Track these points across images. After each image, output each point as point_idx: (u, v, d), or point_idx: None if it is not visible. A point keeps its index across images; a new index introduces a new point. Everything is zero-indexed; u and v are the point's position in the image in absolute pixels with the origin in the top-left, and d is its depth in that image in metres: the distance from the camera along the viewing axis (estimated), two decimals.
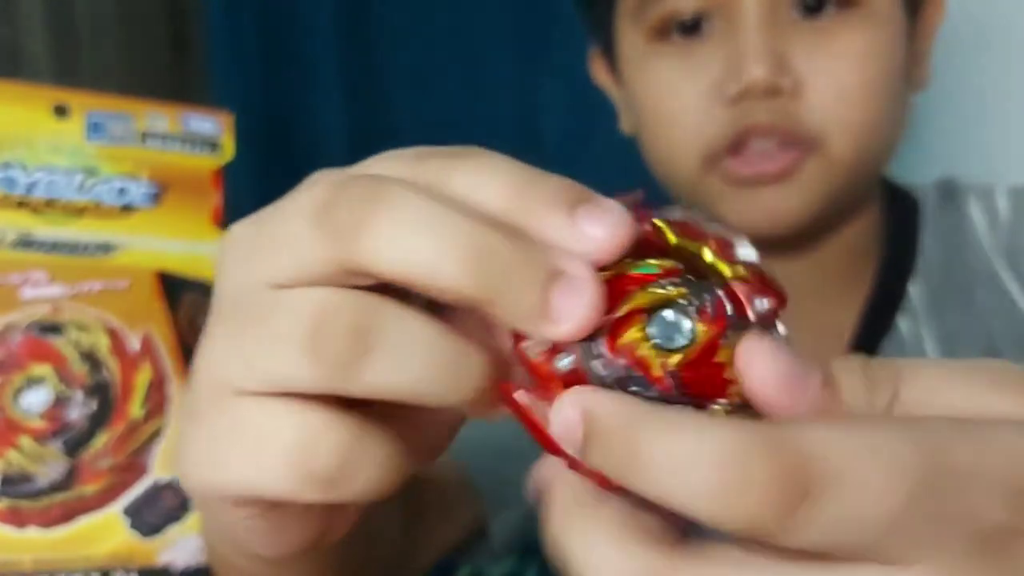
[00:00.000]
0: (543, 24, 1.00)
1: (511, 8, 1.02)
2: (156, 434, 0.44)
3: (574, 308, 0.21)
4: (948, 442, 0.20)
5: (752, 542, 0.20)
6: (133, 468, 0.44)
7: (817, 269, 0.61)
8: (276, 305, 0.22)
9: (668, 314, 0.23)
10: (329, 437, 0.22)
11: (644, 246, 0.23)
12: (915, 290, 0.61)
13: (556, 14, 0.93)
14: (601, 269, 0.22)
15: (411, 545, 0.50)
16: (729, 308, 0.23)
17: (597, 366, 0.22)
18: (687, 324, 0.23)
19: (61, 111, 0.45)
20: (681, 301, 0.23)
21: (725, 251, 0.24)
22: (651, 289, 0.23)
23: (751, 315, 0.23)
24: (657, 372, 0.22)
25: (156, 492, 0.44)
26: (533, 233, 0.22)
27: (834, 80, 0.53)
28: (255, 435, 0.22)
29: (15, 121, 0.44)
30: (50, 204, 0.44)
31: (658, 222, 0.24)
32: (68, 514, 0.43)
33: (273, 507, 0.24)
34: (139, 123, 0.46)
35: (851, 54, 0.54)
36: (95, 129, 0.45)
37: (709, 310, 0.23)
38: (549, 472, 0.23)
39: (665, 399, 0.23)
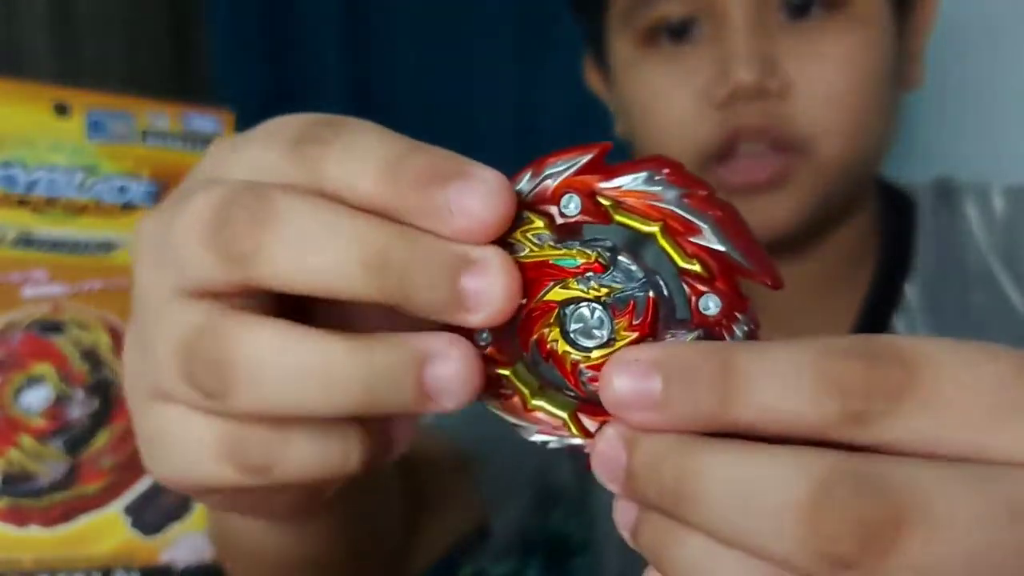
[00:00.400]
0: (543, 24, 1.00)
1: (511, 8, 1.02)
2: None
3: (487, 294, 0.21)
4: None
5: None
6: (134, 467, 0.44)
7: (814, 272, 0.61)
8: (168, 314, 0.22)
9: (582, 312, 0.22)
10: (245, 432, 0.22)
11: (595, 215, 0.22)
12: (911, 290, 0.61)
13: (556, 14, 0.93)
14: (528, 252, 0.22)
15: (412, 538, 0.50)
16: (666, 307, 0.22)
17: (525, 356, 0.22)
18: (604, 324, 0.22)
19: (62, 110, 0.45)
20: (596, 301, 0.22)
21: (685, 237, 0.22)
22: (570, 284, 0.22)
23: (697, 314, 0.22)
24: (567, 369, 0.22)
25: (157, 491, 0.44)
26: (411, 220, 0.21)
27: (822, 82, 0.53)
28: (177, 438, 0.23)
29: (16, 120, 0.44)
30: (51, 203, 0.44)
31: (603, 199, 0.22)
32: (69, 513, 0.43)
33: (234, 490, 0.24)
34: (140, 121, 0.46)
35: (838, 56, 0.54)
36: (96, 127, 0.45)
37: (635, 310, 0.22)
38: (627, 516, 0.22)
39: (580, 399, 0.22)
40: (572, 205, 0.22)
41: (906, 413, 0.19)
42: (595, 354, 0.22)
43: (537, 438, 0.23)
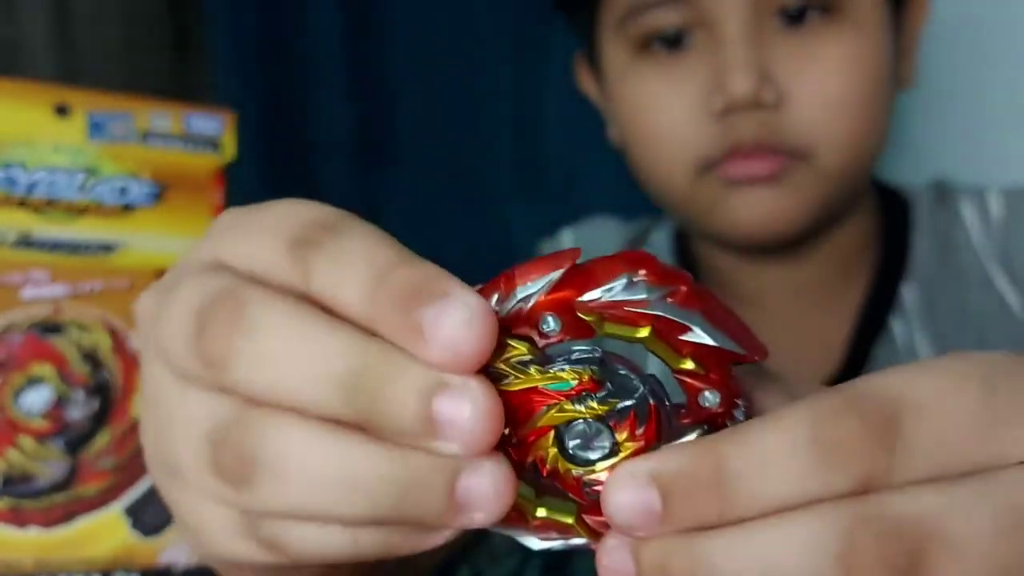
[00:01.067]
0: (543, 22, 1.00)
1: (511, 6, 1.02)
2: None
3: (461, 422, 0.19)
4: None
5: None
6: (134, 468, 0.44)
7: (811, 275, 0.61)
8: (181, 404, 0.22)
9: (581, 428, 0.22)
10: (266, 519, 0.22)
11: (577, 329, 0.21)
12: (908, 291, 0.61)
13: (557, 14, 0.93)
14: (513, 374, 0.21)
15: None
16: (666, 411, 0.21)
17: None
18: (604, 436, 0.22)
19: (62, 110, 0.45)
20: (594, 418, 0.21)
21: (675, 336, 0.21)
22: (564, 407, 0.21)
23: (698, 409, 0.21)
24: (570, 483, 0.22)
25: (157, 492, 0.44)
26: (391, 339, 0.20)
27: (819, 90, 0.53)
28: (197, 517, 0.23)
29: (16, 121, 0.44)
30: (51, 204, 0.44)
31: (585, 314, 0.21)
32: (69, 514, 0.43)
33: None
34: (140, 122, 0.46)
35: (835, 63, 0.53)
36: (96, 128, 0.45)
37: (636, 420, 0.21)
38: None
39: (583, 504, 0.22)
40: (553, 324, 0.21)
41: (902, 457, 0.19)
42: (599, 466, 0.22)
43: (540, 545, 0.22)
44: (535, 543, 0.22)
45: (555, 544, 0.22)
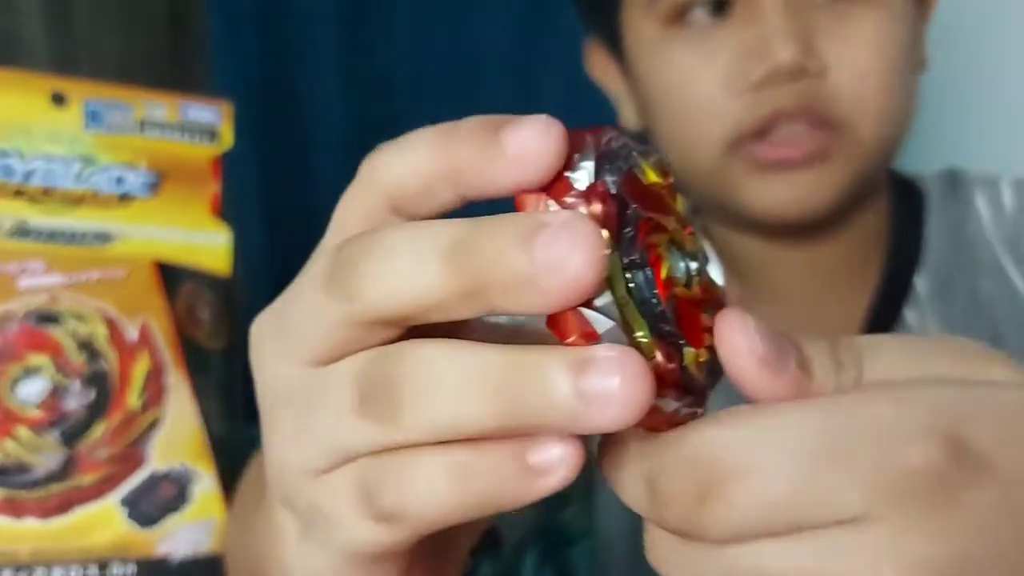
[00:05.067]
0: (544, 6, 1.00)
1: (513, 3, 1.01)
2: (154, 424, 0.44)
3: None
4: (860, 402, 0.21)
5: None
6: (131, 458, 0.44)
7: (829, 259, 0.61)
8: (321, 385, 0.23)
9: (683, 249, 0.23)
10: (379, 467, 0.23)
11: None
12: (921, 282, 0.61)
13: (557, 9, 0.93)
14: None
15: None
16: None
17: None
18: (692, 263, 0.23)
19: (59, 99, 0.44)
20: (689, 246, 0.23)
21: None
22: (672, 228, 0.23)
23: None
24: (666, 291, 0.22)
25: (154, 482, 0.44)
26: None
27: (858, 65, 0.54)
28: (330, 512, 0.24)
29: (13, 109, 0.44)
30: (47, 193, 0.44)
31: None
32: (65, 504, 0.43)
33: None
34: (137, 112, 0.45)
35: (872, 39, 0.54)
36: (93, 118, 0.45)
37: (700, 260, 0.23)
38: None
39: (663, 318, 0.22)
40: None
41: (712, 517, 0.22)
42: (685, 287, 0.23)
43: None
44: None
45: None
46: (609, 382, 0.19)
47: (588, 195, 0.21)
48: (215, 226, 0.46)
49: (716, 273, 0.24)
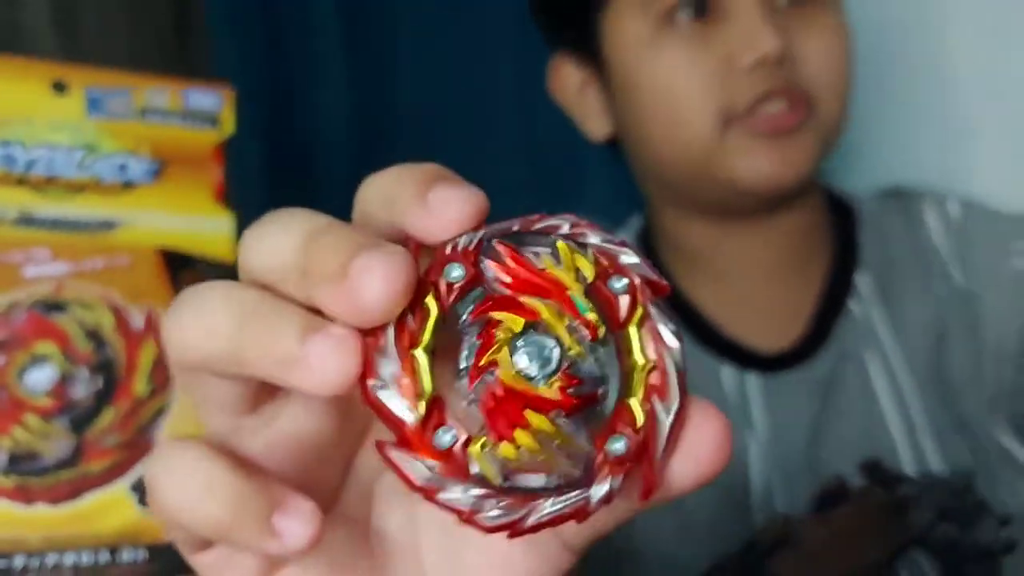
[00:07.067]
0: None
1: (513, 3, 1.01)
2: (161, 410, 0.44)
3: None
4: None
5: None
6: (139, 445, 0.44)
7: (778, 249, 0.70)
8: None
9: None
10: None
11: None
12: (862, 280, 0.71)
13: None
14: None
15: None
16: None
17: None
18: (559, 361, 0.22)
19: (60, 87, 0.44)
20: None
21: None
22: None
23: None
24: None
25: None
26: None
27: (822, 53, 0.65)
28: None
29: (14, 98, 0.44)
30: (50, 181, 0.44)
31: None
32: (75, 491, 0.43)
33: None
34: (139, 99, 0.45)
35: (830, 32, 0.65)
36: (95, 105, 0.45)
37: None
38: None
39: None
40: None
41: None
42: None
43: None
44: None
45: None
46: (325, 343, 0.21)
47: (452, 257, 0.22)
48: (218, 212, 0.46)
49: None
